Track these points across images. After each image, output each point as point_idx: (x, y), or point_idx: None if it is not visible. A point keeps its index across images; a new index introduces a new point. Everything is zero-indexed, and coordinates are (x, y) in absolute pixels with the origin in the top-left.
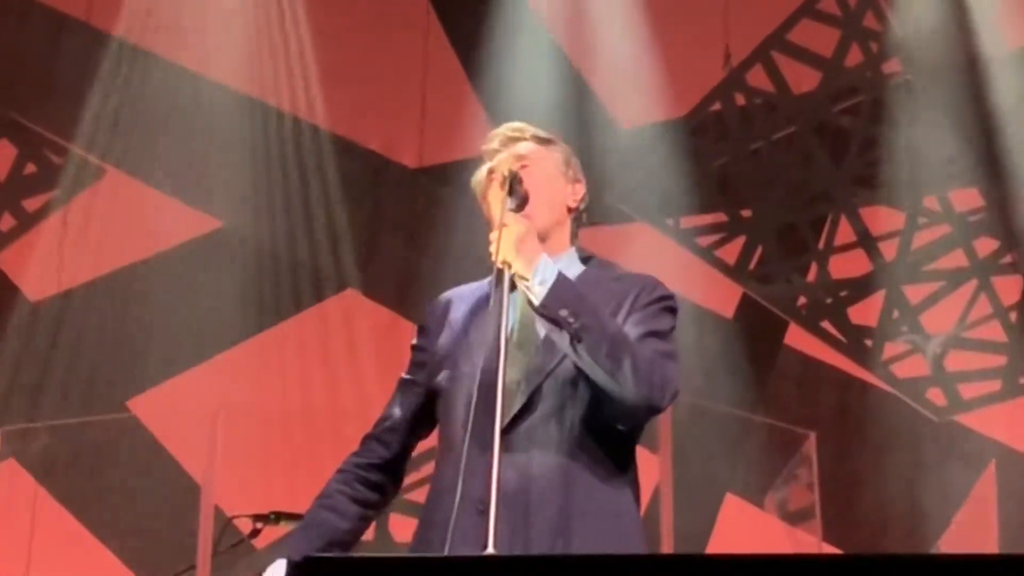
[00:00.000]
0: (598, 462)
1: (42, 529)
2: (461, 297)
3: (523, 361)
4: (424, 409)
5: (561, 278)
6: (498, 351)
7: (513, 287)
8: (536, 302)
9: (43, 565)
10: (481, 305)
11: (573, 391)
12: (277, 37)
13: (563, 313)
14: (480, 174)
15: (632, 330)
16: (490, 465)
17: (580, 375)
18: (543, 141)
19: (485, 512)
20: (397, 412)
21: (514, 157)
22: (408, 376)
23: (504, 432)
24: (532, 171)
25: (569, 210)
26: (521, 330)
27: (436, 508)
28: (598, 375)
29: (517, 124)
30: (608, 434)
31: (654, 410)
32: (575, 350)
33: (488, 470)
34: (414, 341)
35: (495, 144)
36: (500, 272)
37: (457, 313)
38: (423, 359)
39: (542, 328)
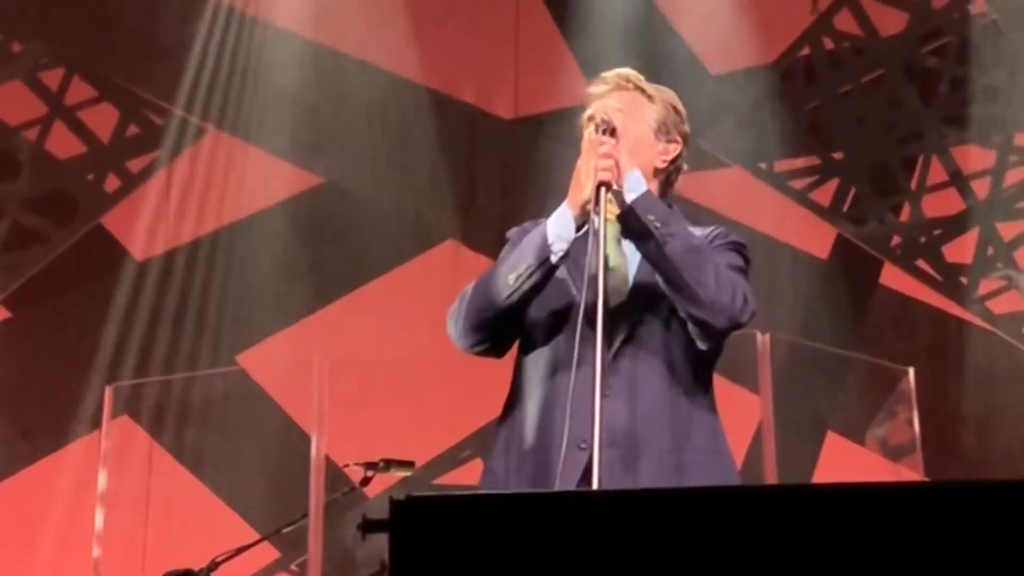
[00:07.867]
0: (696, 395)
1: (158, 483)
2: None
3: (618, 297)
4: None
5: (649, 192)
6: (595, 284)
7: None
8: (625, 204)
9: (160, 518)
10: None
11: (670, 325)
12: None
13: (650, 218)
14: (584, 116)
15: None
16: (593, 399)
17: (673, 309)
18: (646, 94)
19: (587, 450)
20: None
21: (611, 106)
22: None
23: (608, 364)
24: (622, 120)
25: (656, 169)
26: (613, 267)
27: (533, 439)
28: (680, 281)
29: (628, 72)
30: (700, 367)
31: (733, 321)
32: (660, 254)
33: (591, 405)
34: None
35: (602, 87)
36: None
37: None
38: None
39: (631, 254)
